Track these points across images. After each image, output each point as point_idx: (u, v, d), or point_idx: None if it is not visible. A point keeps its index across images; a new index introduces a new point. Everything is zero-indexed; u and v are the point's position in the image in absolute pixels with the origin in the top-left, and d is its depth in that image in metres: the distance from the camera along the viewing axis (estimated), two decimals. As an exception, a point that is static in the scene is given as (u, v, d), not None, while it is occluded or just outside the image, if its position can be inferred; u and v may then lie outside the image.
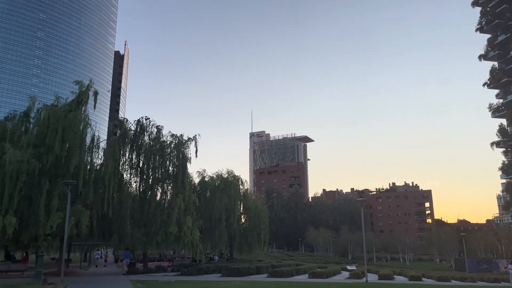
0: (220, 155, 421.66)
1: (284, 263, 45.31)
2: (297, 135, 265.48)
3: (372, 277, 34.20)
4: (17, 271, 29.62)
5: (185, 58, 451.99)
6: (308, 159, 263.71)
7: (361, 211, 39.45)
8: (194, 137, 37.40)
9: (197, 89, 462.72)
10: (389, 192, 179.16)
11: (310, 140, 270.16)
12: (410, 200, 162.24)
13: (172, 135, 37.29)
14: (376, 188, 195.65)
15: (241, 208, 50.67)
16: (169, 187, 36.56)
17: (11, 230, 23.71)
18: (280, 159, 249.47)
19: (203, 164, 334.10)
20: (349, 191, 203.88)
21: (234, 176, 47.51)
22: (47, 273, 27.44)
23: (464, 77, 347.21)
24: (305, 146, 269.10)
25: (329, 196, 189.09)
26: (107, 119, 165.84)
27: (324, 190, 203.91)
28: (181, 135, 37.12)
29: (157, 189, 36.06)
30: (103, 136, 38.55)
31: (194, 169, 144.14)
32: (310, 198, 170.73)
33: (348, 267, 40.30)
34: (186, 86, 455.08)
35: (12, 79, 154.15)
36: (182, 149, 36.35)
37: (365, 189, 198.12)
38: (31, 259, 38.36)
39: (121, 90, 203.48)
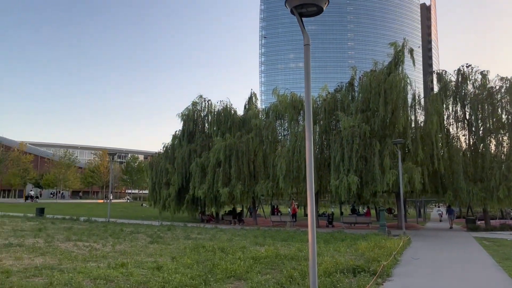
0: None
1: None
2: None
3: None
4: (363, 223, 33.48)
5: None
6: None
7: None
8: (532, 76, 31.59)
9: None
10: None
11: None
12: None
13: (501, 79, 32.72)
14: None
15: None
16: (505, 138, 32.53)
17: (355, 187, 26.95)
18: None
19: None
20: None
21: None
22: (388, 226, 29.80)
23: None
24: None
25: None
26: (421, 75, 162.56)
27: None
28: (512, 77, 32.06)
29: (490, 141, 32.70)
30: (420, 92, 38.04)
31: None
32: None
33: None
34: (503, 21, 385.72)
35: (332, 56, 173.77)
36: (517, 92, 31.46)
37: None
38: (372, 213, 42.63)
39: (432, 43, 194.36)
